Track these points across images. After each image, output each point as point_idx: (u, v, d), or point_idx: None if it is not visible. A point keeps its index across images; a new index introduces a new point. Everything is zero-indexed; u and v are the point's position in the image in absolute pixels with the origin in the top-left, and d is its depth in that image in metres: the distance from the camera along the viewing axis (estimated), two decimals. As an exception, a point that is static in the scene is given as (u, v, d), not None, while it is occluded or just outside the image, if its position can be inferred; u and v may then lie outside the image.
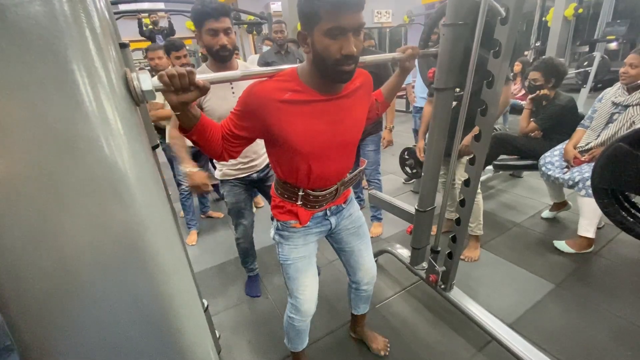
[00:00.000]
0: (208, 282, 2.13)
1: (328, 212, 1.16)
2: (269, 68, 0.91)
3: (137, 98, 0.54)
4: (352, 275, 1.36)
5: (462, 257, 2.07)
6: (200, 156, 2.66)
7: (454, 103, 1.33)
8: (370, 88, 1.10)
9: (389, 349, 1.54)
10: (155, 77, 0.67)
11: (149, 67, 2.93)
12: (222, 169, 1.63)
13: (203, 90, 0.73)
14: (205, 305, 1.16)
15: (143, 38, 6.54)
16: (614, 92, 2.00)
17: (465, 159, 1.87)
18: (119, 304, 0.51)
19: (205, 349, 0.68)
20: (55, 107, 0.42)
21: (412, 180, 3.42)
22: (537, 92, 2.31)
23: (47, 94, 0.41)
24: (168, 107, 2.27)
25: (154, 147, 0.89)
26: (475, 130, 1.21)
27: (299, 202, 1.08)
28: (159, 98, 2.21)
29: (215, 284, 2.12)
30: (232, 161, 1.57)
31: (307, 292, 1.19)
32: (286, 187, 1.07)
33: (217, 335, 1.26)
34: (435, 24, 1.29)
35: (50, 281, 0.48)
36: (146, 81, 0.55)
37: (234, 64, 1.45)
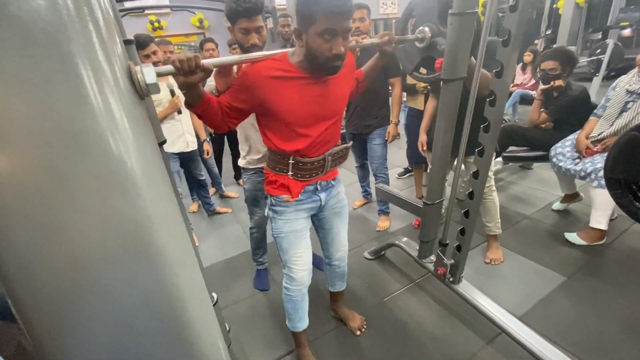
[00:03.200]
0: (217, 276, 2.16)
1: (318, 187, 1.25)
2: (262, 53, 1.02)
3: (141, 91, 0.54)
4: (325, 250, 1.49)
5: (486, 260, 2.01)
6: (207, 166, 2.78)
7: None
8: (353, 67, 1.24)
9: (365, 327, 1.64)
10: (169, 65, 0.78)
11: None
12: (247, 157, 1.68)
13: (207, 72, 0.85)
14: (215, 299, 1.17)
15: (149, 35, 6.54)
16: (629, 80, 1.94)
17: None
18: (127, 297, 0.51)
19: (214, 340, 0.69)
20: (60, 101, 0.42)
21: (406, 175, 3.39)
22: (552, 82, 2.24)
23: (52, 88, 0.41)
24: (160, 109, 2.25)
25: (162, 143, 0.91)
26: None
27: (290, 173, 1.17)
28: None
29: (225, 278, 2.14)
30: (257, 150, 1.64)
31: (300, 261, 1.28)
32: (277, 159, 1.17)
33: (227, 329, 1.27)
34: (410, 14, 1.37)
35: (60, 275, 0.48)
36: (150, 74, 0.55)
37: None
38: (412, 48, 1.34)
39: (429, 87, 2.28)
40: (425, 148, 2.12)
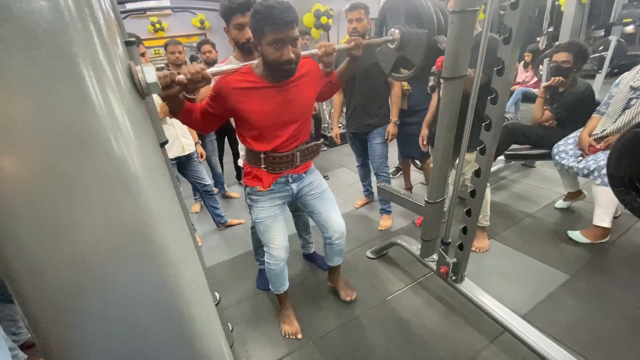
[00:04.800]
0: (220, 276, 2.16)
1: (290, 179, 1.41)
2: (230, 66, 1.13)
3: (142, 91, 0.54)
4: (324, 232, 1.58)
5: (473, 249, 2.04)
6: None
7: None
8: (318, 73, 1.35)
9: (355, 296, 1.79)
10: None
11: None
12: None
13: (182, 86, 0.93)
14: (218, 298, 1.17)
15: (150, 37, 6.60)
16: (632, 77, 1.92)
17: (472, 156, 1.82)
18: (131, 295, 0.52)
19: (217, 339, 0.69)
20: (63, 101, 0.42)
21: (398, 174, 3.37)
22: (553, 79, 2.22)
23: (54, 88, 0.41)
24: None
25: (163, 144, 0.91)
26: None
27: (263, 166, 1.33)
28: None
29: (227, 277, 2.15)
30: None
31: (276, 241, 1.46)
32: (252, 154, 1.34)
33: (230, 328, 1.27)
34: (384, 18, 1.41)
35: (64, 273, 0.49)
36: (150, 73, 0.55)
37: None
38: (388, 50, 1.39)
39: (410, 90, 2.39)
40: (425, 142, 2.15)
